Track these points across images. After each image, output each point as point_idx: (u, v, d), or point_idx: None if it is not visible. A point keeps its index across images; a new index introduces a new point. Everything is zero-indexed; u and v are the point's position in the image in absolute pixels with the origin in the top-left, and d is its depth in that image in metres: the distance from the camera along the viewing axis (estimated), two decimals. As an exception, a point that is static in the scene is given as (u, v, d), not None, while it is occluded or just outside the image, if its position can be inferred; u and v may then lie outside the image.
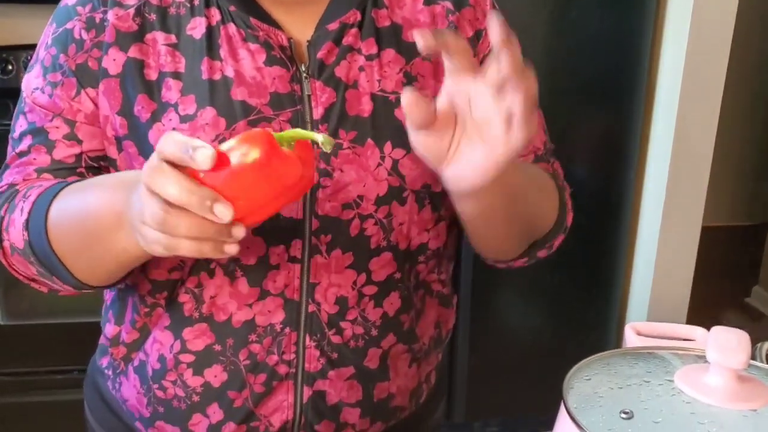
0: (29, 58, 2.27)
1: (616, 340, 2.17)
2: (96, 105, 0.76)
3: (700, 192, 1.97)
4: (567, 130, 1.90)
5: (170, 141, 0.58)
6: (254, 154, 0.57)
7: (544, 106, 0.88)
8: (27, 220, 0.73)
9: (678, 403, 0.58)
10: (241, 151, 0.57)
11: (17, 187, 0.77)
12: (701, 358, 0.65)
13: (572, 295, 2.12)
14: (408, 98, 0.61)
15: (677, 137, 1.91)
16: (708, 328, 0.79)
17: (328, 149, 0.60)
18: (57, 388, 1.97)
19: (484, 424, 2.20)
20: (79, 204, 0.71)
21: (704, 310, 2.35)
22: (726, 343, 0.60)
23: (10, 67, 2.21)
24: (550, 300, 2.13)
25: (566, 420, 0.59)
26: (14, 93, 2.39)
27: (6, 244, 0.76)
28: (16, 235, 0.75)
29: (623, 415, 0.57)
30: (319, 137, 0.60)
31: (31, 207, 0.73)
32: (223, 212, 0.57)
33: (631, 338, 0.75)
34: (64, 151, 0.77)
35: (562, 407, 0.61)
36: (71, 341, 1.90)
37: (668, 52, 1.93)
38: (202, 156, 0.57)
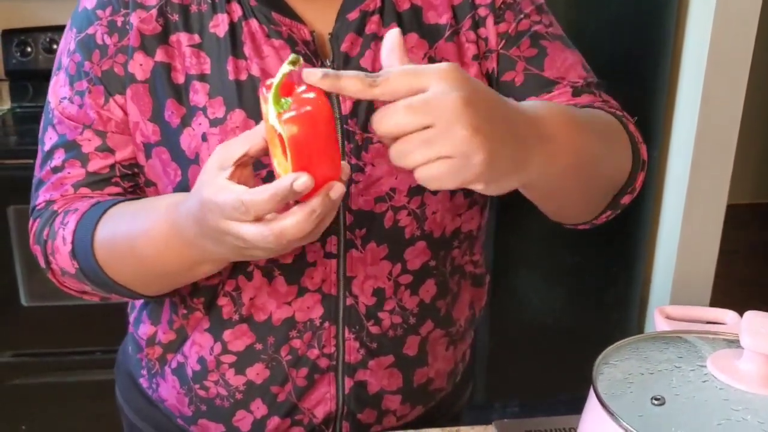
0: (48, 40, 2.30)
1: (638, 322, 2.15)
2: (125, 112, 0.74)
3: (726, 170, 1.94)
4: (589, 109, 1.87)
5: (259, 207, 0.56)
6: (293, 128, 0.55)
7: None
8: (72, 251, 0.73)
9: (711, 389, 0.57)
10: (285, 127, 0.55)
11: (55, 207, 0.77)
12: (733, 342, 0.64)
13: (594, 275, 2.11)
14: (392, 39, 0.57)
15: (702, 115, 1.88)
16: (732, 308, 0.77)
17: (298, 65, 0.56)
18: (79, 368, 2.00)
19: (504, 405, 2.19)
20: (128, 240, 0.71)
21: (728, 290, 2.32)
22: (760, 328, 0.58)
23: (29, 49, 2.21)
24: (571, 281, 2.11)
25: (596, 406, 0.58)
26: (33, 75, 2.42)
27: (54, 266, 0.77)
28: (65, 262, 0.75)
29: (654, 402, 0.56)
30: (286, 66, 0.56)
31: (72, 236, 0.73)
32: (303, 183, 0.55)
33: (660, 322, 0.73)
34: (98, 163, 0.76)
35: (592, 393, 0.59)
36: (93, 322, 1.92)
37: (693, 28, 1.89)
38: (301, 186, 0.55)
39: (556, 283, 2.11)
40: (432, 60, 0.76)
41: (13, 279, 1.94)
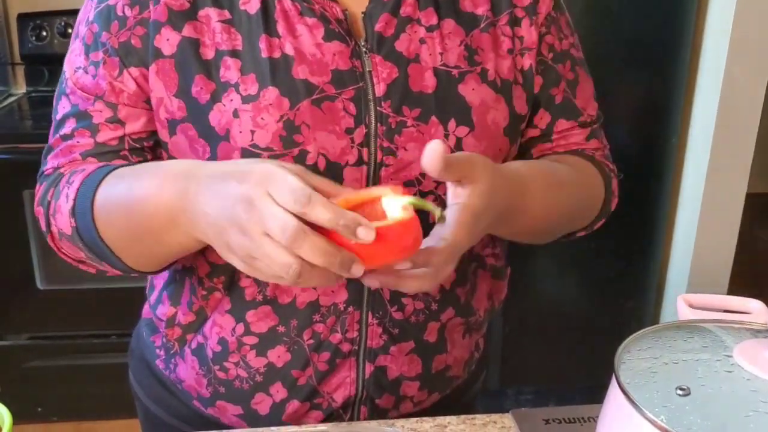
0: (63, 24, 2.30)
1: (655, 310, 2.13)
2: (138, 85, 0.74)
3: (746, 157, 1.91)
4: (608, 92, 1.84)
5: (320, 208, 0.56)
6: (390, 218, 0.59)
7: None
8: (73, 208, 0.72)
9: (738, 380, 0.55)
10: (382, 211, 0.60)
11: (62, 171, 0.76)
12: (760, 332, 0.62)
13: (610, 263, 2.09)
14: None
15: (723, 100, 1.85)
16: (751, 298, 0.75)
17: (442, 221, 0.62)
18: (95, 352, 2.01)
19: (517, 391, 2.19)
20: (126, 195, 0.69)
21: (746, 280, 2.29)
22: (789, 318, 0.57)
23: (44, 34, 2.21)
24: (587, 268, 2.09)
25: (618, 396, 0.56)
26: (48, 59, 2.42)
27: (54, 229, 0.76)
28: (63, 222, 0.74)
29: (679, 392, 0.55)
30: (437, 211, 0.61)
31: (75, 194, 0.72)
32: (358, 270, 0.58)
33: (683, 311, 0.72)
34: (107, 135, 0.75)
35: (614, 383, 0.58)
36: (109, 306, 1.93)
37: (715, 10, 1.85)
38: (366, 235, 0.57)
39: (571, 270, 2.10)
40: (468, 48, 0.76)
41: (29, 262, 1.95)
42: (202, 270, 0.79)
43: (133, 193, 0.68)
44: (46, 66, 2.25)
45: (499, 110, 0.77)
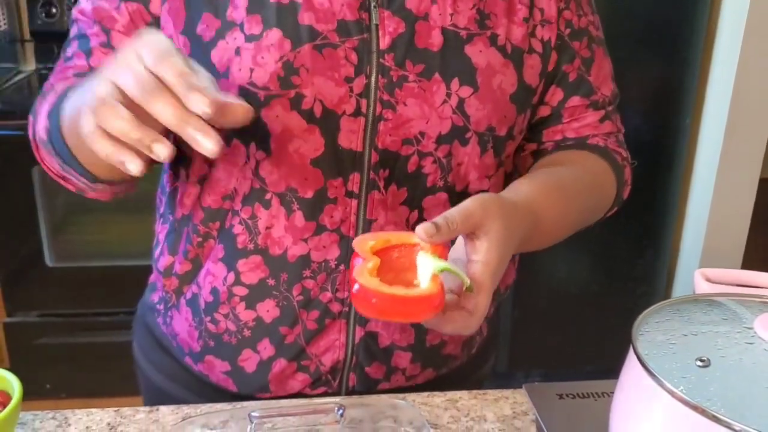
0: (73, 0, 2.28)
1: (665, 295, 2.12)
2: (132, 20, 0.75)
3: (760, 141, 1.89)
4: (622, 74, 1.82)
5: (168, 68, 0.56)
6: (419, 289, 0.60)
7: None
8: (49, 110, 0.73)
9: (758, 351, 0.54)
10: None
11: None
12: (780, 306, 0.61)
13: (620, 246, 2.07)
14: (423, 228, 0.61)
15: (738, 83, 1.83)
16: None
17: (470, 291, 0.62)
18: (103, 329, 2.01)
19: (526, 375, 2.18)
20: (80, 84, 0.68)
21: (758, 268, 2.27)
22: (812, 290, 0.55)
23: (54, 10, 2.20)
24: (597, 251, 2.08)
25: (636, 367, 0.55)
26: (58, 36, 2.41)
27: (37, 137, 0.76)
28: (41, 126, 0.74)
29: (699, 363, 0.54)
30: (466, 281, 0.61)
31: (56, 98, 0.73)
32: (160, 151, 0.57)
33: (701, 285, 0.71)
34: (100, 59, 0.76)
35: (631, 354, 0.57)
36: (117, 284, 1.93)
37: (732, -8, 1.83)
38: (161, 151, 0.56)
39: (581, 254, 2.09)
40: (481, 12, 0.75)
41: (38, 240, 1.95)
42: (197, 217, 0.79)
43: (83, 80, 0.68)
44: (55, 43, 2.24)
45: (506, 75, 0.76)
